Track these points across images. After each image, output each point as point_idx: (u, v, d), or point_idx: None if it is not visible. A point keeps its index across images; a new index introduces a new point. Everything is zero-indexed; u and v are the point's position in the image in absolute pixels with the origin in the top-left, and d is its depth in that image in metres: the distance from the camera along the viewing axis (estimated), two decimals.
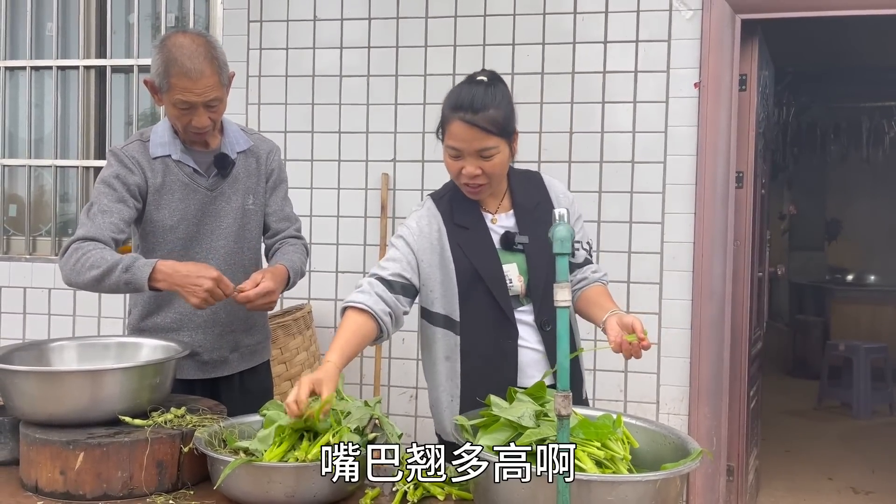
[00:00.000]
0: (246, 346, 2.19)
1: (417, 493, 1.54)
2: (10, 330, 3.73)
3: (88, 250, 1.87)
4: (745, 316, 3.32)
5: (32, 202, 3.87)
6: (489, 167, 1.80)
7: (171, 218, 2.04)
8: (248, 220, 2.13)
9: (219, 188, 2.08)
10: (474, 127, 1.75)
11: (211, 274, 1.82)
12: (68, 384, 1.65)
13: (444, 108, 1.82)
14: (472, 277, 1.84)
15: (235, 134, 2.14)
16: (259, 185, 2.16)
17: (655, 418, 3.07)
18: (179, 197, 2.04)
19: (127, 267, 1.83)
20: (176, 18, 3.78)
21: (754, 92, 3.30)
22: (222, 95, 1.98)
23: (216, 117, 2.00)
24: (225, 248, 2.09)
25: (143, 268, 1.82)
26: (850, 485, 4.34)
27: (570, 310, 1.55)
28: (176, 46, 1.91)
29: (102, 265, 1.84)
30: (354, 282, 3.45)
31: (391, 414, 3.34)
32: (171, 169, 2.04)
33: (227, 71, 1.99)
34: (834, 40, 5.54)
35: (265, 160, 2.17)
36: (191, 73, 1.89)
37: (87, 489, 1.56)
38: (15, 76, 3.92)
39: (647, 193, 3.19)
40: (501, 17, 3.30)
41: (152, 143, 2.05)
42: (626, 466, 1.43)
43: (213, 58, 1.93)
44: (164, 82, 1.92)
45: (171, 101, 1.94)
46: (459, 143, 1.78)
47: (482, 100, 1.76)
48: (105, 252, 1.87)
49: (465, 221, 1.88)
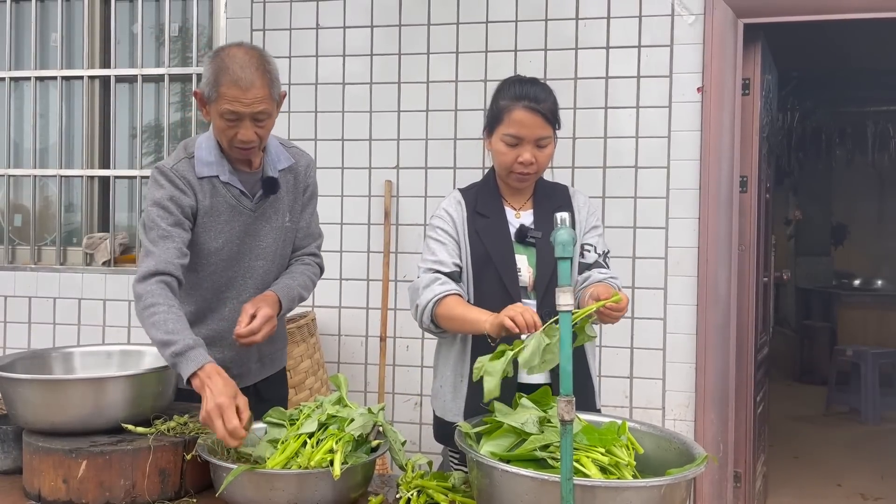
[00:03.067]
0: (267, 354, 2.17)
1: (421, 499, 1.53)
2: (15, 339, 3.74)
3: (158, 305, 1.76)
4: (750, 321, 3.30)
5: (37, 212, 3.88)
6: (542, 157, 1.92)
7: (215, 241, 1.99)
8: (285, 239, 2.10)
9: (261, 209, 2.04)
10: (538, 114, 1.88)
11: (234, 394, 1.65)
12: (71, 392, 1.65)
13: (503, 100, 1.92)
14: (485, 262, 1.94)
15: (277, 151, 2.07)
16: (297, 202, 2.12)
17: (661, 424, 3.05)
18: (225, 219, 1.99)
19: (176, 353, 1.70)
20: (179, 28, 3.80)
21: (757, 96, 3.29)
22: (271, 110, 1.91)
23: (263, 133, 1.92)
24: (263, 268, 2.06)
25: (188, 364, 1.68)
26: (859, 491, 4.31)
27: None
28: (229, 57, 1.86)
29: (158, 336, 1.72)
30: (358, 289, 3.49)
31: (395, 421, 3.34)
32: (219, 191, 1.98)
33: (278, 87, 1.92)
34: (838, 44, 5.53)
35: (303, 175, 2.13)
36: (241, 82, 1.83)
37: (90, 497, 1.55)
38: (20, 86, 3.94)
39: (651, 198, 3.18)
40: (504, 24, 3.30)
41: (198, 160, 1.97)
42: (630, 472, 1.42)
43: (265, 70, 1.87)
44: (213, 92, 1.86)
45: (218, 111, 1.87)
46: (522, 129, 1.88)
47: (543, 92, 1.92)
48: (170, 315, 1.75)
49: (486, 211, 1.99)
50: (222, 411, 1.57)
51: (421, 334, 3.32)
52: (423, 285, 1.91)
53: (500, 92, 1.96)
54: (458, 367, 1.97)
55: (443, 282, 1.90)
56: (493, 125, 1.95)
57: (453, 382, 1.98)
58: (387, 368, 3.38)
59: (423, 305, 1.89)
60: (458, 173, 3.33)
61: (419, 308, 1.90)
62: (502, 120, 1.91)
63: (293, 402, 2.90)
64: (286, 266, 2.15)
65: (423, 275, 1.94)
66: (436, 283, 1.90)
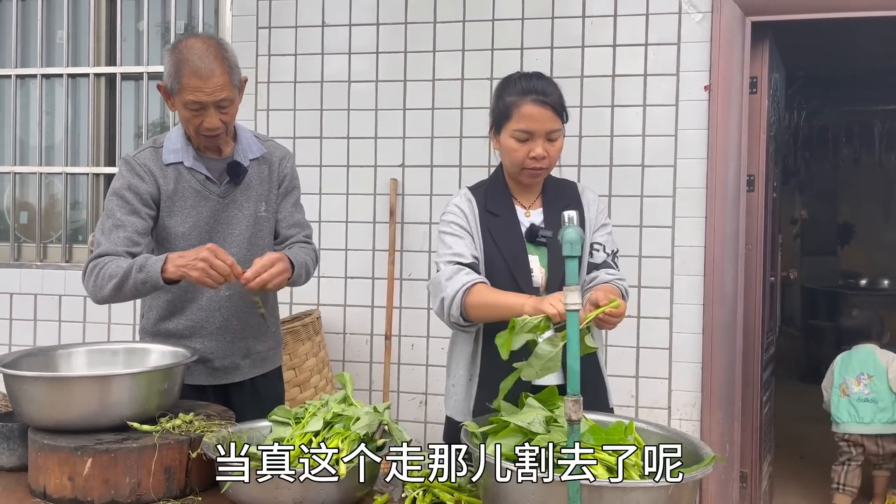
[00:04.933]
0: (258, 352, 2.18)
1: (427, 498, 1.52)
2: (20, 336, 3.75)
3: (105, 264, 1.90)
4: (757, 320, 3.29)
5: (43, 209, 3.88)
6: (553, 150, 1.90)
7: (182, 225, 2.04)
8: (260, 228, 2.13)
9: (231, 195, 2.08)
10: (547, 107, 1.87)
11: (206, 246, 1.81)
12: (76, 390, 1.65)
13: (510, 96, 1.90)
14: (498, 262, 1.91)
15: (249, 141, 2.13)
16: (271, 192, 2.15)
17: (667, 424, 3.04)
18: (191, 204, 2.04)
19: (140, 266, 1.85)
20: (185, 26, 3.80)
21: (765, 95, 3.28)
22: (233, 97, 1.97)
23: (228, 119, 1.99)
24: (237, 256, 2.07)
25: (155, 263, 1.84)
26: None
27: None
28: (187, 48, 1.92)
29: (118, 273, 1.87)
30: (363, 287, 3.49)
31: (400, 420, 3.33)
32: (184, 176, 2.04)
33: (238, 73, 1.98)
34: (845, 43, 5.50)
35: (277, 166, 2.17)
36: (201, 72, 1.89)
37: (96, 495, 1.55)
38: (26, 84, 3.95)
39: (658, 197, 3.17)
40: (510, 21, 3.29)
41: (165, 149, 2.05)
42: (638, 472, 1.41)
43: (223, 58, 1.93)
44: (175, 84, 1.93)
45: (182, 102, 1.94)
46: (532, 123, 1.87)
47: (550, 86, 1.91)
48: (119, 261, 1.90)
49: (497, 210, 1.96)
50: (209, 259, 1.77)
51: (426, 333, 3.31)
52: (446, 277, 1.85)
53: (505, 88, 1.93)
54: (470, 367, 1.95)
55: (467, 272, 1.85)
56: (500, 122, 1.92)
57: (465, 382, 1.96)
58: (391, 367, 3.38)
59: (450, 297, 1.82)
60: (464, 171, 3.33)
61: (446, 301, 1.83)
62: (511, 116, 1.89)
63: (298, 400, 2.90)
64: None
65: (444, 268, 1.88)
66: (460, 273, 1.85)
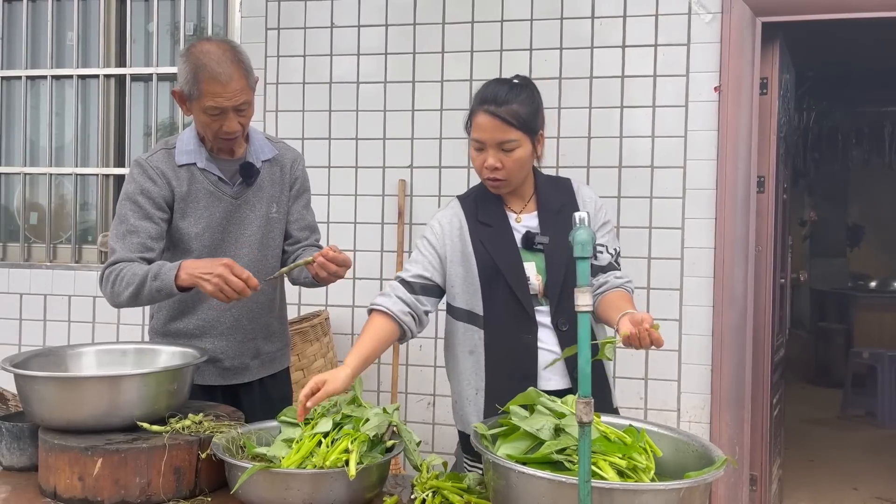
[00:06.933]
0: (266, 353, 2.19)
1: (436, 500, 1.52)
2: (30, 337, 3.76)
3: (121, 270, 1.91)
4: (767, 323, 3.27)
5: (53, 210, 3.90)
6: (509, 162, 1.84)
7: (195, 226, 2.04)
8: (271, 229, 2.14)
9: (243, 196, 2.09)
10: (496, 118, 1.82)
11: (222, 261, 1.81)
12: (87, 390, 1.65)
13: (473, 103, 1.89)
14: (494, 273, 1.88)
15: (261, 142, 2.14)
16: (283, 193, 2.16)
17: (676, 426, 3.03)
18: (204, 205, 2.05)
19: (155, 275, 1.85)
20: (195, 27, 3.81)
21: (775, 96, 3.26)
22: (251, 99, 1.99)
23: (245, 122, 2.01)
24: (249, 256, 2.10)
25: (169, 271, 1.84)
26: (876, 495, 4.27)
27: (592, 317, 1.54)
28: (203, 53, 1.91)
29: (135, 281, 1.87)
30: (372, 288, 3.48)
31: (409, 421, 3.33)
32: (197, 177, 2.04)
33: (252, 75, 2.00)
34: (856, 43, 5.48)
35: (289, 169, 2.18)
36: (220, 77, 1.89)
37: (106, 495, 1.55)
38: (36, 85, 3.97)
39: (667, 198, 3.16)
40: (519, 23, 3.29)
41: (178, 150, 2.05)
42: (649, 476, 1.41)
43: (239, 62, 1.94)
44: (193, 89, 1.92)
45: (201, 107, 1.94)
46: (482, 133, 1.84)
47: (506, 94, 1.83)
48: (134, 267, 1.90)
49: (488, 219, 1.93)
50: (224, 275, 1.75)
51: (434, 334, 3.31)
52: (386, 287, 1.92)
53: (474, 95, 1.91)
54: (473, 380, 1.91)
55: (384, 293, 1.88)
56: (467, 130, 1.92)
57: (469, 396, 1.91)
58: (400, 368, 3.38)
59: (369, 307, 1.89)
60: (472, 173, 3.32)
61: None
62: (471, 125, 1.88)
63: None
64: (277, 257, 2.18)
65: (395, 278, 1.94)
66: (380, 294, 1.89)
